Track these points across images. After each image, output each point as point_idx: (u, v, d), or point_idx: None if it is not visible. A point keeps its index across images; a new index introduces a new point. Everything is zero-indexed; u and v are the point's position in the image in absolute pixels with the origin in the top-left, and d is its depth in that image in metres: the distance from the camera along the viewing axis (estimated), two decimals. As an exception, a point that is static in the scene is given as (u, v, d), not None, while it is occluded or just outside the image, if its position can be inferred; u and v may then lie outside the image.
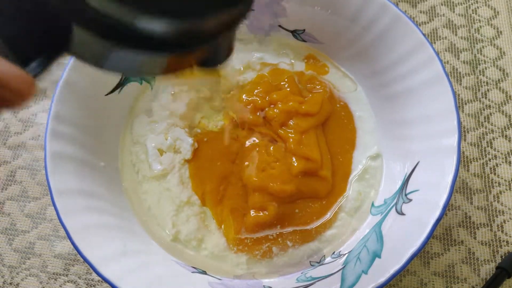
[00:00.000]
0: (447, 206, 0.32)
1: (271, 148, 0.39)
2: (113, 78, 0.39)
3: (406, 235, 0.32)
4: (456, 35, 0.47)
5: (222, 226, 0.38)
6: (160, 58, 0.17)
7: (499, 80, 0.45)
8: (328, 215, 0.38)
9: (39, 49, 0.16)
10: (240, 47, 0.43)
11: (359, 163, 0.40)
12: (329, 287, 0.33)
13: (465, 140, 0.43)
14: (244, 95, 0.41)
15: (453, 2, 0.49)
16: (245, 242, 0.37)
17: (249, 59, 0.43)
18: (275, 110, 0.39)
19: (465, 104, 0.44)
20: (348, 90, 0.42)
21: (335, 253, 0.37)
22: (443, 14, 0.48)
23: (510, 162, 0.42)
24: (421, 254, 0.39)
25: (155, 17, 0.15)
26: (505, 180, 0.41)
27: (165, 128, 0.40)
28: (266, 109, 0.40)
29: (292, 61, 0.44)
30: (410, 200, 0.35)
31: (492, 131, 0.43)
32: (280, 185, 0.37)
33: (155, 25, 0.15)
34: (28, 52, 0.16)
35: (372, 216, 0.38)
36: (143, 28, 0.15)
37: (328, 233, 0.38)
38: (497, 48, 0.46)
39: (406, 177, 0.36)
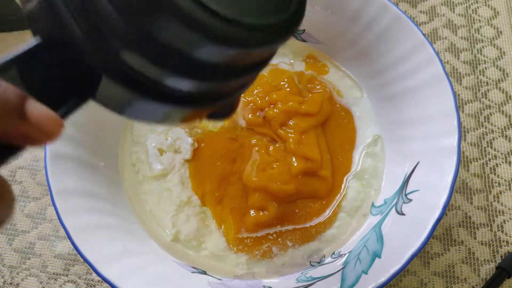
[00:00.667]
0: (447, 206, 0.32)
1: (271, 148, 0.39)
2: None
3: (406, 235, 0.32)
4: (456, 35, 0.47)
5: (222, 226, 0.38)
6: (181, 111, 0.18)
7: (499, 80, 0.45)
8: (327, 213, 0.38)
9: (68, 95, 0.17)
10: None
11: (359, 163, 0.40)
12: (329, 287, 0.33)
13: (465, 140, 0.43)
14: (244, 95, 0.41)
15: (453, 2, 0.49)
16: (245, 242, 0.37)
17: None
18: (275, 110, 0.39)
19: (465, 104, 0.44)
20: (354, 97, 0.42)
21: (335, 253, 0.37)
22: (443, 14, 0.48)
23: (510, 162, 0.42)
24: (421, 254, 0.39)
25: (185, 78, 0.15)
26: (505, 180, 0.41)
27: (166, 128, 0.40)
28: (266, 109, 0.40)
29: (292, 61, 0.44)
30: (410, 200, 0.35)
31: (492, 131, 0.43)
32: (280, 185, 0.37)
33: (183, 85, 0.16)
34: (58, 98, 0.16)
35: (372, 216, 0.38)
36: (171, 86, 0.16)
37: (328, 233, 0.38)
38: (497, 48, 0.46)
39: (406, 177, 0.36)
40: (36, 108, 0.15)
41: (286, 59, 0.44)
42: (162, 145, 0.40)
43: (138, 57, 0.14)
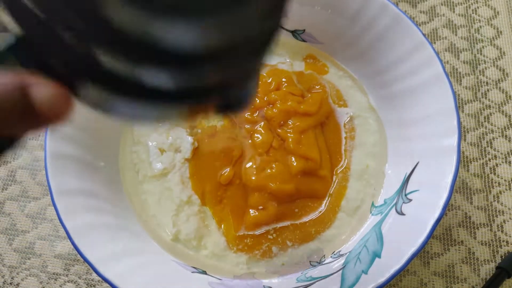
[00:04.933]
0: (447, 206, 0.32)
1: (270, 148, 0.39)
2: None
3: (406, 235, 0.32)
4: (456, 35, 0.47)
5: (222, 226, 0.38)
6: (170, 109, 0.17)
7: (499, 80, 0.45)
8: (323, 207, 0.38)
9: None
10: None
11: (359, 162, 0.40)
12: (329, 287, 0.33)
13: (465, 140, 0.43)
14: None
15: (453, 2, 0.49)
16: (245, 242, 0.37)
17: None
18: (274, 110, 0.39)
19: (465, 104, 0.44)
20: (354, 97, 0.42)
21: (335, 253, 0.37)
22: (443, 14, 0.48)
23: (510, 162, 0.42)
24: (421, 254, 0.39)
25: (158, 70, 0.14)
26: (505, 180, 0.41)
27: (168, 128, 0.40)
28: (265, 109, 0.40)
29: (291, 61, 0.44)
30: (410, 200, 0.35)
31: (492, 131, 0.43)
32: (279, 184, 0.37)
33: (161, 80, 0.15)
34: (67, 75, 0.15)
35: (372, 216, 0.38)
36: (148, 82, 0.15)
37: (328, 233, 0.38)
38: (497, 48, 0.46)
39: (406, 177, 0.36)
40: (41, 89, 0.14)
41: (285, 59, 0.44)
42: (163, 145, 0.40)
43: (100, 50, 0.14)
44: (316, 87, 0.42)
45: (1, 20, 0.15)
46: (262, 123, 0.39)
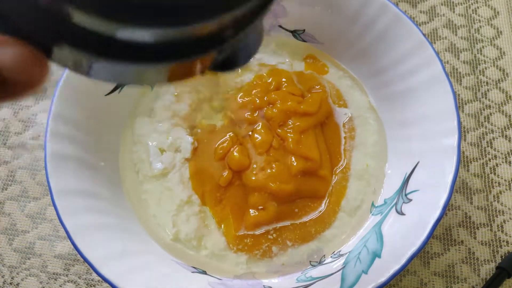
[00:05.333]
0: (447, 206, 0.32)
1: (270, 148, 0.39)
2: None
3: (406, 235, 0.32)
4: (456, 35, 0.47)
5: (222, 226, 0.38)
6: (156, 68, 0.15)
7: (499, 80, 0.45)
8: (323, 207, 0.38)
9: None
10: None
11: (359, 162, 0.40)
12: (329, 287, 0.33)
13: (465, 140, 0.43)
14: (242, 95, 0.41)
15: (453, 2, 0.49)
16: (245, 241, 0.37)
17: (247, 60, 0.43)
18: (274, 110, 0.39)
19: (465, 104, 0.44)
20: (354, 96, 0.42)
21: (335, 253, 0.37)
22: (443, 14, 0.48)
23: (510, 162, 0.42)
24: (421, 254, 0.39)
25: (136, 27, 0.13)
26: (505, 180, 0.41)
27: (168, 128, 0.40)
28: (265, 109, 0.40)
29: (291, 61, 0.44)
30: (410, 200, 0.35)
31: (492, 131, 0.43)
32: (279, 184, 0.37)
33: (137, 36, 0.13)
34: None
35: (372, 216, 0.38)
36: (127, 39, 0.13)
37: (328, 233, 0.38)
38: (497, 48, 0.46)
39: (406, 177, 0.36)
40: (8, 50, 0.13)
41: (285, 59, 0.44)
42: (163, 144, 0.40)
43: (75, 10, 0.12)
44: (316, 87, 0.42)
45: None
46: (262, 123, 0.39)
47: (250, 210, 0.37)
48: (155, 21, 0.13)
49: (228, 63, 0.17)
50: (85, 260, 0.31)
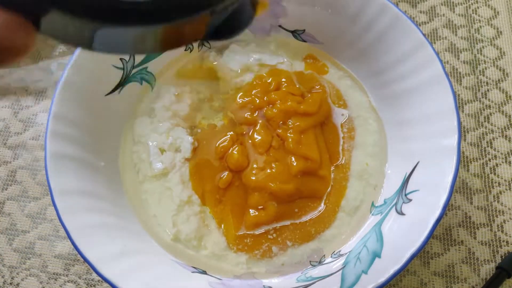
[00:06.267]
0: (447, 206, 0.32)
1: (270, 148, 0.39)
2: (114, 78, 0.39)
3: (406, 235, 0.32)
4: (456, 35, 0.47)
5: (222, 226, 0.38)
6: (150, 32, 0.15)
7: (499, 80, 0.45)
8: (322, 207, 0.38)
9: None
10: (238, 48, 0.43)
11: (359, 162, 0.40)
12: (329, 287, 0.33)
13: (465, 140, 0.43)
14: (242, 95, 0.41)
15: (453, 2, 0.49)
16: (245, 241, 0.37)
17: (247, 60, 0.43)
18: (274, 110, 0.39)
19: (465, 104, 0.44)
20: (353, 96, 0.42)
21: (335, 253, 0.37)
22: (443, 14, 0.48)
23: (510, 162, 0.42)
24: (421, 254, 0.39)
25: None
26: (505, 180, 0.41)
27: (168, 128, 0.40)
28: (265, 109, 0.40)
29: (291, 61, 0.44)
30: (410, 200, 0.35)
31: (492, 131, 0.43)
32: (279, 184, 0.37)
33: None
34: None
35: (372, 216, 0.38)
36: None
37: (328, 233, 0.38)
38: (497, 48, 0.46)
39: (406, 177, 0.36)
40: None
41: (285, 59, 0.44)
42: (163, 144, 0.40)
43: None
44: (316, 87, 0.42)
45: None
46: (261, 121, 0.39)
47: (250, 210, 0.37)
48: None
49: (223, 31, 0.16)
50: (85, 260, 0.31)
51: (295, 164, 0.37)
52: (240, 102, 0.41)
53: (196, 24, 0.15)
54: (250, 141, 0.39)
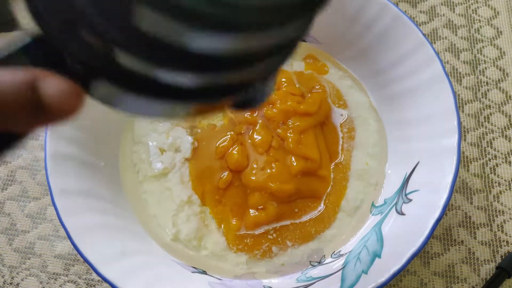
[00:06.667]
0: (447, 206, 0.32)
1: (270, 148, 0.39)
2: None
3: (406, 235, 0.32)
4: (456, 35, 0.47)
5: (222, 226, 0.38)
6: (184, 106, 0.16)
7: (499, 80, 0.45)
8: (322, 207, 0.38)
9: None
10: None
11: (359, 162, 0.40)
12: (329, 287, 0.33)
13: (465, 140, 0.43)
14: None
15: (453, 2, 0.49)
16: (245, 241, 0.37)
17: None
18: (274, 110, 0.39)
19: (465, 104, 0.44)
20: (354, 96, 0.42)
21: (335, 253, 0.37)
22: (443, 14, 0.48)
23: (510, 162, 0.42)
24: (421, 254, 0.39)
25: (177, 71, 0.14)
26: (505, 180, 0.41)
27: (168, 128, 0.40)
28: (265, 109, 0.40)
29: (291, 61, 0.44)
30: (410, 200, 0.35)
31: (492, 131, 0.43)
32: (279, 184, 0.37)
33: (177, 79, 0.14)
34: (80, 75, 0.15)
35: (372, 216, 0.38)
36: (165, 81, 0.14)
37: (328, 233, 0.38)
38: (497, 48, 0.46)
39: (406, 177, 0.36)
40: (51, 84, 0.14)
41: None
42: (163, 144, 0.40)
43: (122, 53, 0.13)
44: (316, 87, 0.42)
45: (18, 19, 0.15)
46: (261, 121, 0.39)
47: (250, 210, 0.37)
48: (195, 68, 0.14)
49: (247, 102, 0.18)
50: (85, 260, 0.31)
51: (295, 164, 0.37)
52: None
53: (227, 101, 0.17)
54: (250, 141, 0.39)
